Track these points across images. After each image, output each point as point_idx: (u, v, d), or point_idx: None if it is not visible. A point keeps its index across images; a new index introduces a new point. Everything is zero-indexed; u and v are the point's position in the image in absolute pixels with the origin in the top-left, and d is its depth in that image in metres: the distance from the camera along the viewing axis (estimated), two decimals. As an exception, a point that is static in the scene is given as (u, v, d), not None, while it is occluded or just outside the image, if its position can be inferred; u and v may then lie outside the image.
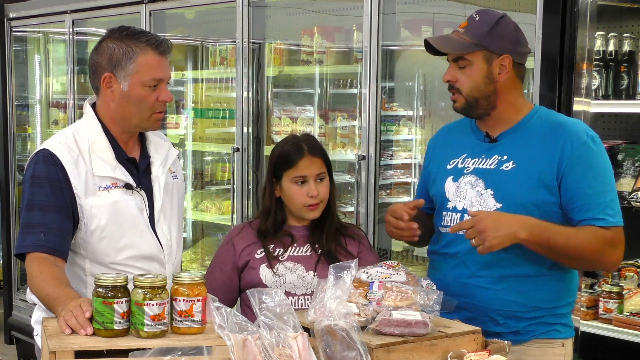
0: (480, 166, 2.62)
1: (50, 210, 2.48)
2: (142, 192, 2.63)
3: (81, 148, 2.57)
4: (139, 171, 2.66)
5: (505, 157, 2.59)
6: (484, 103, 2.59)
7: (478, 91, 2.58)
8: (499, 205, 2.56)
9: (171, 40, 5.52)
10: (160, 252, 2.66)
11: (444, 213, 2.69)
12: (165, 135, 3.01)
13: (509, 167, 2.57)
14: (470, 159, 2.66)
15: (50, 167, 2.52)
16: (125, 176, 2.60)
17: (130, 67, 2.53)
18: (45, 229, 2.45)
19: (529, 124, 2.61)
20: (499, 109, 2.61)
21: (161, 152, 2.73)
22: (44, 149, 2.57)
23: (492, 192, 2.57)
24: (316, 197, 2.79)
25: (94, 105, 2.67)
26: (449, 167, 2.70)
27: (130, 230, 2.60)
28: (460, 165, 2.67)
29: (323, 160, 2.84)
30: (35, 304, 2.59)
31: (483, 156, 2.64)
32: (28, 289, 2.51)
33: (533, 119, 2.62)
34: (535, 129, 2.59)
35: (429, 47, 2.63)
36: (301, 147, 2.82)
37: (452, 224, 2.65)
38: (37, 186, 2.51)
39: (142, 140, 2.72)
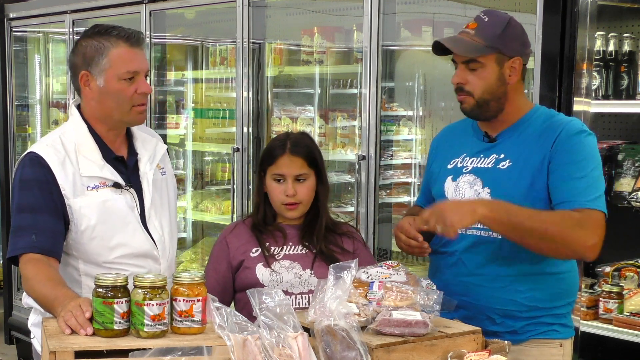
0: (479, 165, 2.63)
1: (40, 212, 2.47)
2: (132, 190, 2.62)
3: (67, 149, 2.57)
4: (128, 169, 2.65)
5: (502, 156, 2.60)
6: (494, 105, 2.59)
7: (490, 93, 2.57)
8: None
9: (171, 41, 5.52)
10: (153, 249, 2.64)
11: None
12: (165, 135, 3.01)
13: (506, 166, 2.57)
14: (469, 159, 2.67)
15: (37, 169, 2.51)
16: (113, 175, 2.59)
17: (103, 62, 2.53)
18: (36, 231, 2.44)
19: (528, 123, 2.62)
20: (505, 110, 2.61)
21: (148, 148, 2.72)
22: (30, 152, 2.57)
23: (489, 191, 2.58)
24: (292, 197, 2.77)
25: (79, 107, 2.67)
26: (449, 166, 2.71)
27: (121, 229, 2.58)
28: (459, 165, 2.68)
29: (306, 160, 2.79)
30: (31, 308, 2.59)
31: (482, 155, 2.64)
32: (24, 293, 2.50)
33: (532, 118, 2.63)
34: (533, 128, 2.60)
35: (437, 48, 2.62)
36: (285, 144, 2.80)
37: None
38: (26, 189, 2.50)
39: (129, 138, 2.71)
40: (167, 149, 2.85)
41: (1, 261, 6.78)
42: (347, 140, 4.53)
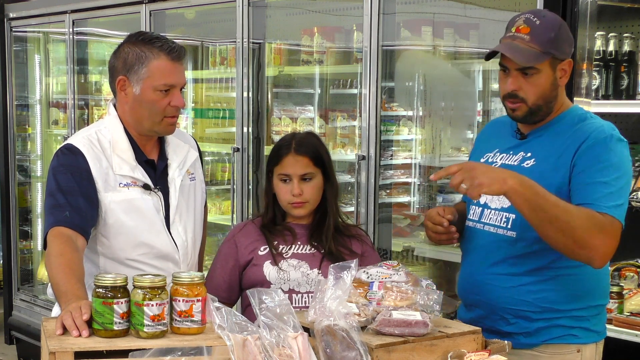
0: (507, 162, 2.60)
1: (74, 194, 2.54)
2: (159, 193, 2.70)
3: (103, 146, 2.65)
4: (157, 173, 2.72)
5: (529, 154, 2.56)
6: (546, 109, 2.53)
7: (544, 99, 2.51)
8: None
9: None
10: (175, 252, 2.72)
11: (470, 206, 2.69)
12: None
13: (530, 164, 2.53)
14: (499, 154, 2.64)
15: (72, 158, 2.60)
16: (144, 177, 2.67)
17: (142, 71, 2.59)
18: (70, 209, 2.51)
19: (560, 123, 2.56)
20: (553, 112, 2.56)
21: (179, 154, 2.79)
22: (67, 143, 2.66)
23: None
24: (299, 196, 2.77)
25: (115, 106, 2.74)
26: (482, 160, 2.68)
27: (147, 229, 2.66)
28: (490, 160, 2.65)
29: (311, 160, 2.78)
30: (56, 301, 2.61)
31: (511, 152, 2.61)
32: (49, 287, 2.51)
33: (565, 119, 2.56)
34: (563, 129, 2.54)
35: (489, 54, 2.55)
36: (290, 144, 2.80)
37: (474, 218, 2.65)
38: (61, 174, 2.58)
39: (161, 142, 2.78)
40: (200, 155, 2.92)
41: (1, 261, 6.79)
42: (347, 140, 4.53)
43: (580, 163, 2.44)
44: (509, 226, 2.54)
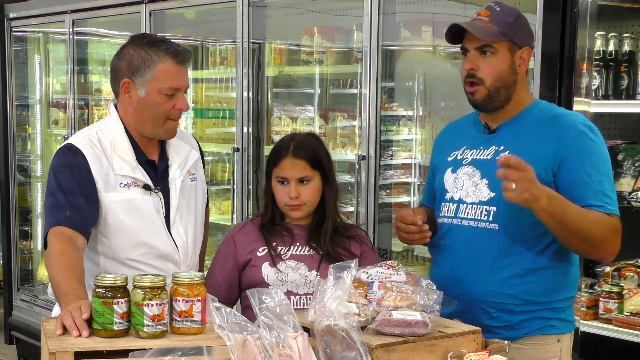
0: (478, 157, 2.64)
1: (75, 193, 2.54)
2: (160, 194, 2.70)
3: (104, 146, 2.65)
4: (157, 173, 2.72)
5: (502, 147, 2.60)
6: (504, 94, 2.59)
7: (501, 80, 2.58)
8: (492, 195, 2.57)
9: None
10: (175, 253, 2.72)
11: (443, 204, 2.71)
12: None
13: None
14: (469, 151, 2.68)
15: (73, 157, 2.60)
16: (144, 177, 2.67)
17: (148, 74, 2.59)
18: (70, 208, 2.51)
19: (529, 116, 2.62)
20: (512, 101, 2.62)
21: (180, 154, 2.79)
22: (67, 143, 2.67)
23: (486, 182, 2.59)
24: (295, 199, 2.76)
25: (116, 106, 2.74)
26: (449, 159, 2.72)
27: (147, 229, 2.66)
28: (459, 157, 2.69)
29: (309, 162, 2.77)
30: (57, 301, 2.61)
31: (481, 147, 2.65)
32: (49, 286, 2.51)
33: (533, 111, 2.63)
34: (534, 120, 2.60)
35: (449, 34, 2.63)
36: (288, 146, 2.78)
37: (449, 214, 2.67)
38: (61, 173, 2.58)
39: (162, 142, 2.78)
40: (201, 155, 2.92)
41: (1, 261, 6.79)
42: (347, 140, 4.53)
43: (571, 158, 2.50)
44: (490, 219, 2.58)
